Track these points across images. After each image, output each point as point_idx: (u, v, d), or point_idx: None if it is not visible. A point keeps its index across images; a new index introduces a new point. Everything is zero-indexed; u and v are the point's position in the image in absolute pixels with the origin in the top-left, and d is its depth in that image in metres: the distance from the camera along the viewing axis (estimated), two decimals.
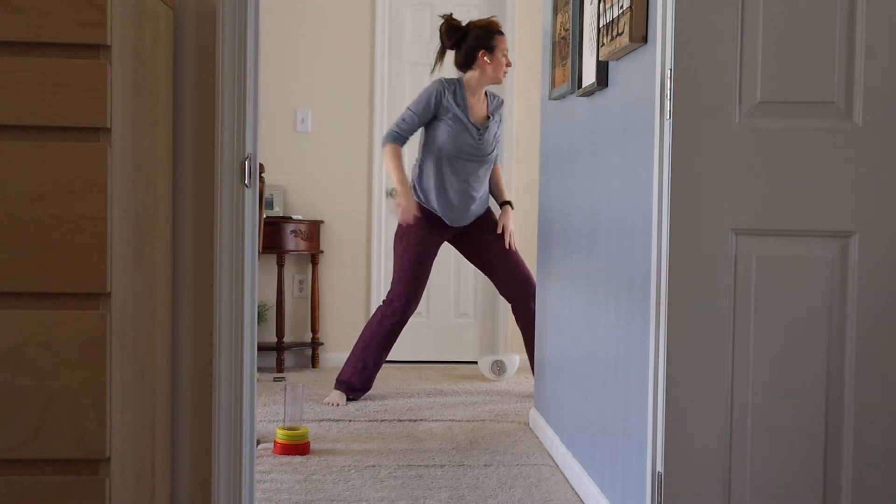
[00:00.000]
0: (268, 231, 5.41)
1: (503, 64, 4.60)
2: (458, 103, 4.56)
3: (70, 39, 1.71)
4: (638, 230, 2.62)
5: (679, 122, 2.27)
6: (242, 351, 2.24)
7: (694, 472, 2.29)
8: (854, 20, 2.22)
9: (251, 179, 2.25)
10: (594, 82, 3.04)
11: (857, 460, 2.25)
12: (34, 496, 1.73)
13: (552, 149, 4.03)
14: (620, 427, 2.79)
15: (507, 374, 5.45)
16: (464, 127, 4.55)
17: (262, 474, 3.40)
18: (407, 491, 3.25)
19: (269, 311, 5.72)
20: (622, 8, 2.65)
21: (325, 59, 5.77)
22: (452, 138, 4.54)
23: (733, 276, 2.27)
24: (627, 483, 2.69)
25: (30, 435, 1.73)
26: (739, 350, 2.27)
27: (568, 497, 3.22)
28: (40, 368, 1.72)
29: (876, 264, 2.24)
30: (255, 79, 2.26)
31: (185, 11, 2.19)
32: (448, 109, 4.54)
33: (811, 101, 2.24)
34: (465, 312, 5.96)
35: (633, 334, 2.67)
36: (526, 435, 4.10)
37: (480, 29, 4.59)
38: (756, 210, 2.26)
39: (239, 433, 2.24)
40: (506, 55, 4.62)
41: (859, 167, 2.23)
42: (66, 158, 1.71)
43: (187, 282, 2.22)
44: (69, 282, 1.72)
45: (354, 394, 4.70)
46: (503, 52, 4.60)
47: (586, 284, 3.29)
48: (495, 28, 4.61)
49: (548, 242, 4.09)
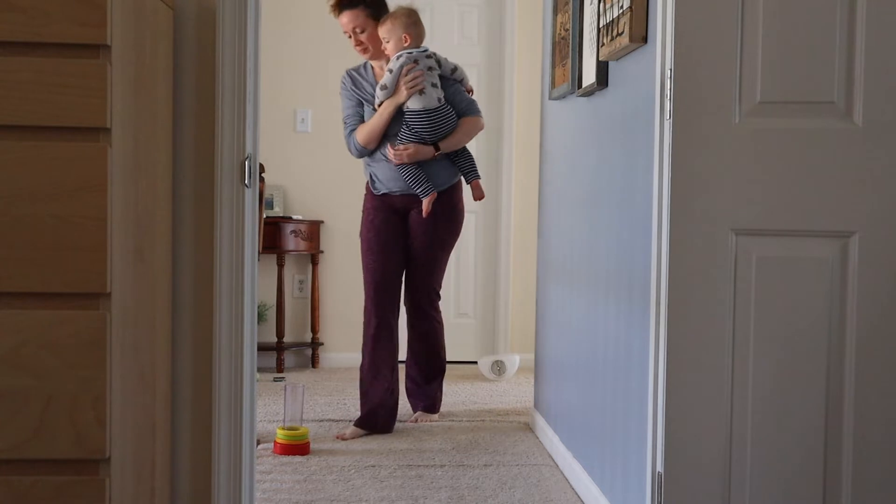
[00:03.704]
0: (268, 231, 5.41)
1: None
2: (368, 83, 4.18)
3: (70, 39, 1.71)
4: (638, 230, 2.62)
5: (679, 121, 2.27)
6: (242, 351, 2.24)
7: (694, 472, 2.29)
8: (854, 20, 2.22)
9: (251, 179, 2.25)
10: (594, 82, 3.04)
11: (857, 460, 2.25)
12: (34, 496, 1.73)
13: (552, 149, 4.03)
14: (620, 427, 2.79)
15: (507, 374, 5.45)
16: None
17: (262, 474, 3.40)
18: (407, 491, 3.25)
19: (269, 311, 5.72)
20: (622, 8, 2.65)
21: (325, 59, 5.77)
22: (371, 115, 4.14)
23: (733, 276, 2.27)
24: (627, 483, 2.69)
25: (30, 435, 1.73)
26: (739, 350, 2.27)
27: (568, 497, 3.22)
28: (40, 368, 1.72)
29: (876, 264, 2.23)
30: (255, 79, 2.26)
31: (185, 11, 2.19)
32: (362, 94, 4.18)
33: (811, 101, 2.24)
34: (465, 312, 5.96)
35: (633, 334, 2.67)
36: (526, 435, 4.10)
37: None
38: (756, 210, 2.26)
39: (239, 433, 2.24)
40: (352, 34, 4.13)
41: (859, 167, 2.23)
42: (66, 158, 1.71)
43: (187, 282, 2.22)
44: (69, 282, 1.72)
45: (379, 426, 4.11)
46: (345, 31, 4.17)
47: (586, 284, 3.29)
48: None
49: (547, 242, 4.09)
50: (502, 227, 5.90)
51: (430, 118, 4.05)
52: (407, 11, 4.14)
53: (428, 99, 4.05)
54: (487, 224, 5.93)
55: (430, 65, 4.09)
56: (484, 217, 5.93)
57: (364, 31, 4.12)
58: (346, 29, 4.15)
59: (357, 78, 4.21)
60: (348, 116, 4.21)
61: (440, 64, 4.14)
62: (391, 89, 4.03)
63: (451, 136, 4.11)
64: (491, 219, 5.93)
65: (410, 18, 4.12)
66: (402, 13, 4.11)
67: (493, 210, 5.92)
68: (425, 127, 4.05)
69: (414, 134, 4.05)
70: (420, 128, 4.05)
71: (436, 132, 4.06)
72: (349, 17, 4.11)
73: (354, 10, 4.10)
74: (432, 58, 4.12)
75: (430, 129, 4.05)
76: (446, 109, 4.09)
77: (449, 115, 4.10)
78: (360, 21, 4.10)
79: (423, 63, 4.07)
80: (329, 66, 5.77)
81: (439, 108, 4.07)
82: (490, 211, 5.93)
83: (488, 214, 5.92)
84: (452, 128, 4.12)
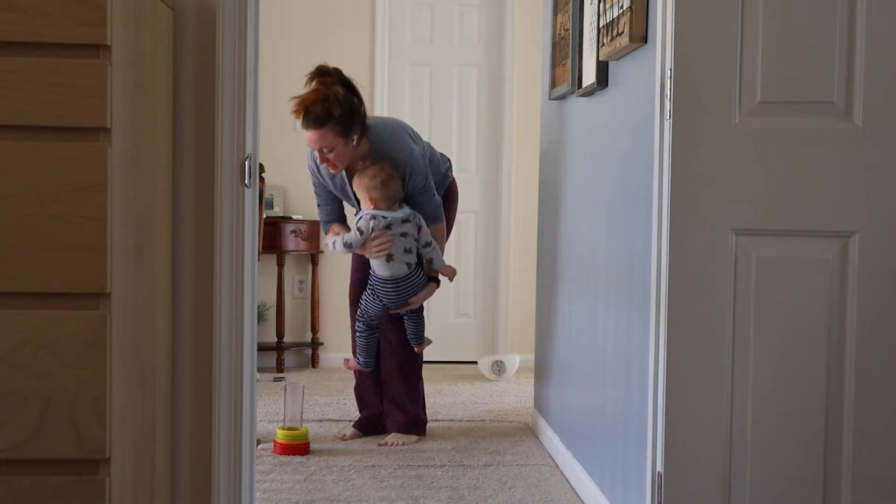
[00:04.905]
0: (268, 231, 5.41)
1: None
2: (336, 176, 3.84)
3: (70, 39, 1.71)
4: (638, 230, 2.62)
5: (679, 121, 2.27)
6: (242, 351, 2.24)
7: (694, 472, 2.29)
8: (854, 20, 2.22)
9: (251, 179, 2.25)
10: (594, 82, 3.04)
11: (857, 460, 2.25)
12: (34, 496, 1.73)
13: (552, 149, 4.03)
14: (620, 427, 2.79)
15: (507, 374, 5.45)
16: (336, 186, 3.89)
17: (262, 474, 3.40)
18: (407, 491, 3.25)
19: (269, 311, 5.72)
20: (622, 8, 2.65)
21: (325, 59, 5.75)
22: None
23: (733, 276, 2.27)
24: (627, 483, 2.69)
25: (30, 435, 1.73)
26: (739, 350, 2.27)
27: (568, 497, 3.22)
28: (40, 368, 1.72)
29: (876, 264, 2.23)
30: (255, 79, 2.26)
31: (185, 11, 2.19)
32: (328, 181, 3.87)
33: (811, 101, 2.24)
34: (465, 312, 5.96)
35: (633, 334, 2.67)
36: (526, 435, 4.10)
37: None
38: (756, 210, 2.26)
39: (239, 433, 2.24)
40: (318, 152, 3.66)
41: (859, 167, 2.23)
42: (66, 158, 1.71)
43: (187, 282, 2.22)
44: (69, 282, 1.72)
45: (377, 430, 4.04)
46: (310, 145, 3.70)
47: (586, 284, 3.29)
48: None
49: (547, 242, 4.09)
50: (502, 227, 5.90)
51: (396, 287, 3.77)
52: (372, 172, 3.67)
53: (396, 267, 3.74)
54: (487, 224, 5.93)
55: (404, 230, 3.73)
56: (484, 217, 5.93)
57: (333, 149, 3.62)
58: (311, 146, 3.67)
59: (321, 166, 3.79)
60: (318, 199, 3.92)
61: (420, 229, 3.77)
62: (356, 248, 3.74)
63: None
64: (491, 219, 5.93)
65: (374, 181, 3.65)
66: (368, 173, 3.67)
67: (493, 210, 5.92)
68: (390, 295, 3.78)
69: (378, 300, 3.79)
70: (385, 295, 3.78)
71: (401, 300, 3.80)
72: (315, 137, 3.60)
73: (321, 129, 3.58)
74: (410, 222, 3.74)
75: (395, 297, 3.78)
76: (416, 275, 3.78)
77: (417, 280, 3.79)
78: (327, 141, 3.60)
79: (397, 229, 3.71)
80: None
81: (408, 276, 3.77)
82: (490, 211, 5.93)
83: (488, 214, 5.92)
84: (421, 289, 3.82)
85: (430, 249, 3.84)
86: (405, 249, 3.75)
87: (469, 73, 5.90)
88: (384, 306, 3.81)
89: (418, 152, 3.77)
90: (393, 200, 3.73)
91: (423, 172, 3.76)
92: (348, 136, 3.63)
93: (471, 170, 5.89)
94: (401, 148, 3.72)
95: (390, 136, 3.75)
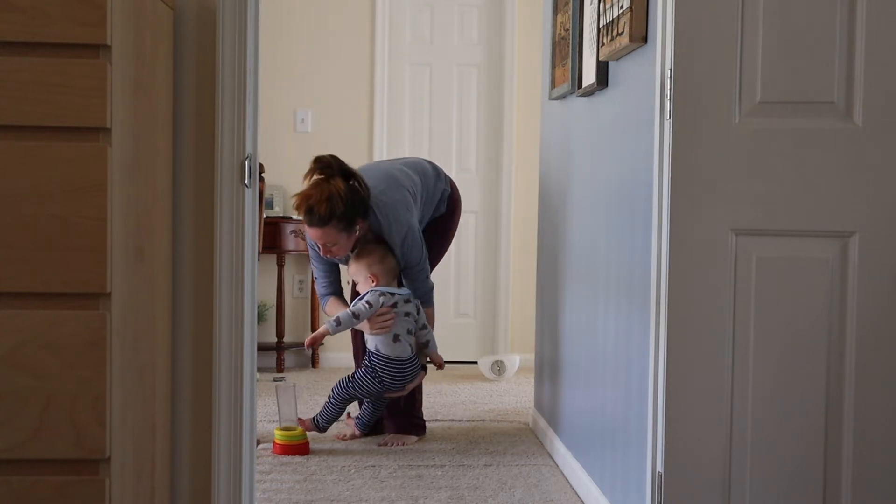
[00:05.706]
0: (268, 231, 5.41)
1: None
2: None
3: (70, 39, 1.71)
4: (638, 230, 2.62)
5: (679, 121, 2.27)
6: (242, 351, 2.24)
7: (694, 472, 2.29)
8: (854, 20, 2.22)
9: (251, 179, 2.25)
10: (594, 82, 3.04)
11: (857, 460, 2.25)
12: (34, 496, 1.73)
13: (552, 149, 4.03)
14: (620, 427, 2.79)
15: (507, 374, 5.45)
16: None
17: (262, 474, 3.40)
18: (407, 491, 3.25)
19: (269, 311, 5.72)
20: (622, 8, 2.65)
21: (325, 59, 5.77)
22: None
23: (733, 276, 2.27)
24: (627, 483, 2.69)
25: (30, 435, 1.73)
26: (739, 350, 2.27)
27: (568, 497, 3.22)
28: (40, 368, 1.72)
29: (876, 264, 2.24)
30: (255, 79, 2.26)
31: (185, 11, 2.19)
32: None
33: (811, 101, 2.24)
34: (465, 312, 5.96)
35: (632, 334, 2.67)
36: (526, 435, 4.10)
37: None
38: (756, 210, 2.26)
39: (239, 433, 2.24)
40: (321, 247, 3.75)
41: (859, 167, 2.23)
42: (66, 158, 1.71)
43: (187, 282, 2.22)
44: (69, 282, 1.72)
45: (378, 430, 4.05)
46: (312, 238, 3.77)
47: (586, 284, 3.29)
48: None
49: (547, 242, 4.09)
50: (502, 227, 5.90)
51: (402, 368, 3.79)
52: (369, 248, 3.80)
53: (401, 348, 3.77)
54: (487, 224, 5.93)
55: (408, 310, 3.80)
56: (484, 217, 5.93)
57: (336, 243, 3.72)
58: (314, 240, 3.75)
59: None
60: (317, 270, 3.96)
61: (419, 311, 3.85)
62: (362, 321, 3.75)
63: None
64: (491, 219, 5.93)
65: (371, 257, 3.77)
66: (365, 251, 3.79)
67: (493, 210, 5.92)
68: (395, 377, 3.78)
69: (377, 380, 3.79)
70: (387, 375, 3.78)
71: (401, 383, 3.81)
72: (319, 234, 3.68)
73: (325, 227, 3.65)
74: (411, 303, 3.82)
75: (398, 379, 3.79)
76: (413, 363, 3.82)
77: (415, 366, 3.83)
78: (331, 237, 3.69)
79: (402, 308, 3.78)
80: (329, 66, 5.78)
81: (410, 360, 3.80)
82: (490, 211, 5.93)
83: (488, 214, 5.92)
84: (416, 376, 3.85)
85: (427, 332, 3.89)
86: (408, 330, 3.81)
87: (469, 73, 5.90)
88: (384, 387, 3.81)
89: (416, 227, 3.82)
90: (392, 276, 3.80)
91: (419, 247, 3.82)
92: (351, 230, 3.71)
93: (471, 170, 5.89)
94: (399, 229, 3.78)
95: (388, 215, 3.77)
